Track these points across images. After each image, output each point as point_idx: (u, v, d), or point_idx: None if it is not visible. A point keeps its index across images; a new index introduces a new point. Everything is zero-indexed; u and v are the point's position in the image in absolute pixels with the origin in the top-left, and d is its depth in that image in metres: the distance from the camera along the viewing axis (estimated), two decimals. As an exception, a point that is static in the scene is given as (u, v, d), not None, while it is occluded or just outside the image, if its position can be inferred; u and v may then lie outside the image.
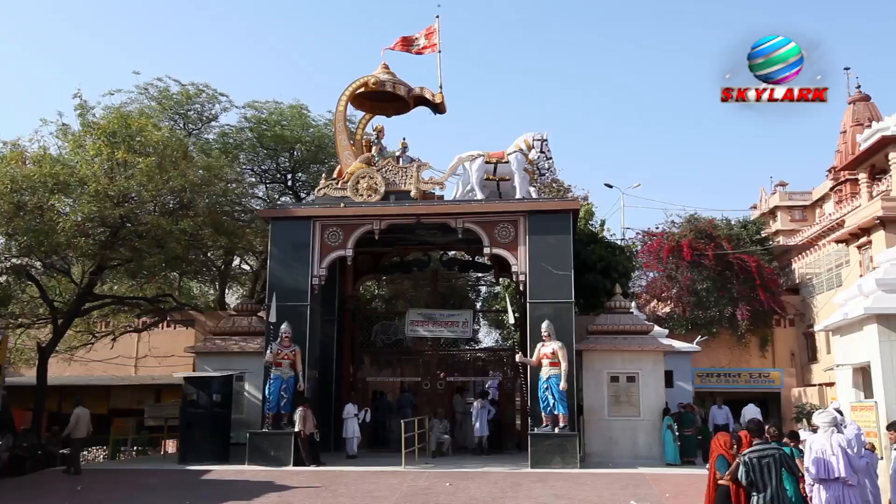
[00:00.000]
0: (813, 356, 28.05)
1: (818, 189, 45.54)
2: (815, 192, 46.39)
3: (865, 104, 36.66)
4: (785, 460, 8.45)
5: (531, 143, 19.94)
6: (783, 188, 48.96)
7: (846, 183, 35.87)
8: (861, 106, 36.64)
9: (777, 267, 30.90)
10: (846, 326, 12.24)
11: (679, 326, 27.47)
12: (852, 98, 37.44)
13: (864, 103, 36.69)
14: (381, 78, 20.77)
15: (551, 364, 17.30)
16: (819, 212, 43.96)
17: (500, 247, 19.00)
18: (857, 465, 8.94)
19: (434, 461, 18.35)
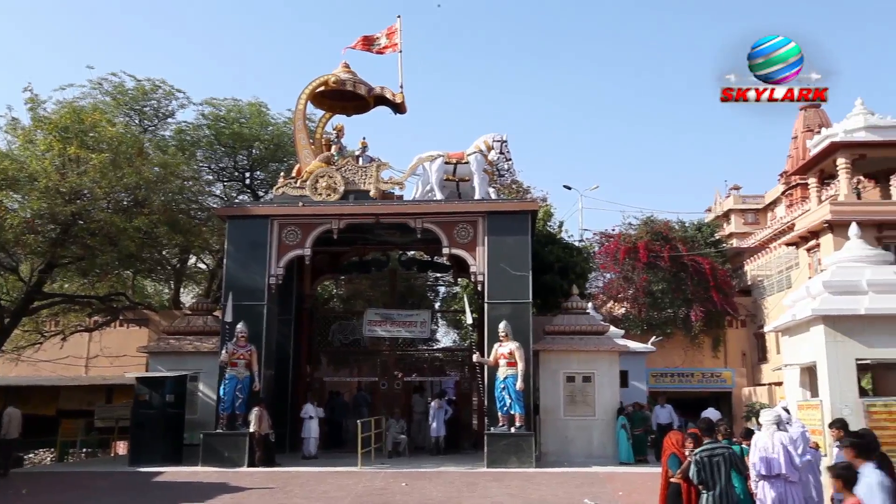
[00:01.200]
0: (763, 356, 28.69)
1: (770, 193, 46.56)
2: (767, 195, 47.43)
3: (816, 111, 37.58)
4: (734, 459, 8.65)
5: (491, 144, 20.04)
6: (737, 192, 49.97)
7: (797, 187, 36.75)
8: (812, 112, 37.56)
9: (730, 269, 31.53)
10: (794, 327, 12.53)
11: (634, 327, 27.86)
12: (803, 105, 38.33)
13: (814, 110, 37.59)
14: (342, 77, 20.67)
15: (508, 364, 17.38)
16: (771, 215, 44.95)
17: (459, 247, 19.05)
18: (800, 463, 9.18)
19: (390, 461, 18.33)
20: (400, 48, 21.19)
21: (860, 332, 10.97)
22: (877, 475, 5.49)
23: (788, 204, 38.86)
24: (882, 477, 5.49)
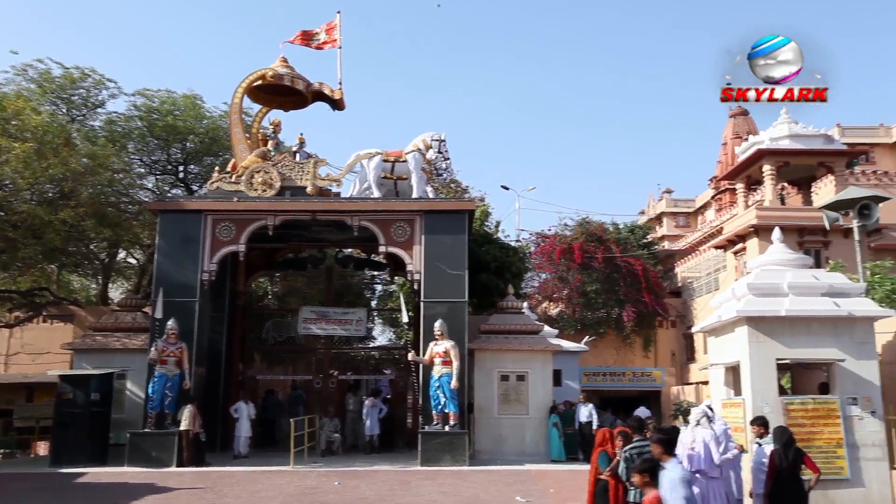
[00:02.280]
0: (691, 356, 29.51)
1: (701, 197, 47.86)
2: (698, 200, 48.73)
3: (745, 118, 38.85)
4: None
5: (429, 143, 20.07)
6: (669, 195, 51.19)
7: (726, 192, 37.91)
8: (741, 120, 38.81)
9: (661, 270, 32.30)
10: (720, 328, 12.89)
11: (569, 327, 28.30)
12: (733, 112, 39.59)
13: (743, 117, 38.86)
14: (280, 71, 20.39)
15: (443, 363, 17.46)
16: (701, 219, 46.22)
17: (396, 245, 19.03)
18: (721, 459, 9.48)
19: (323, 460, 18.20)
20: (339, 44, 21.05)
21: (781, 333, 11.35)
22: (679, 470, 5.73)
23: (718, 208, 40.05)
24: (684, 472, 5.71)
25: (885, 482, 10.59)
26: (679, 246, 38.30)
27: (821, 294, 11.49)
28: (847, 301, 11.38)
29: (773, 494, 8.71)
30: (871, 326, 11.43)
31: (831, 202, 16.10)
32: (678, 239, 42.43)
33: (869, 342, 11.31)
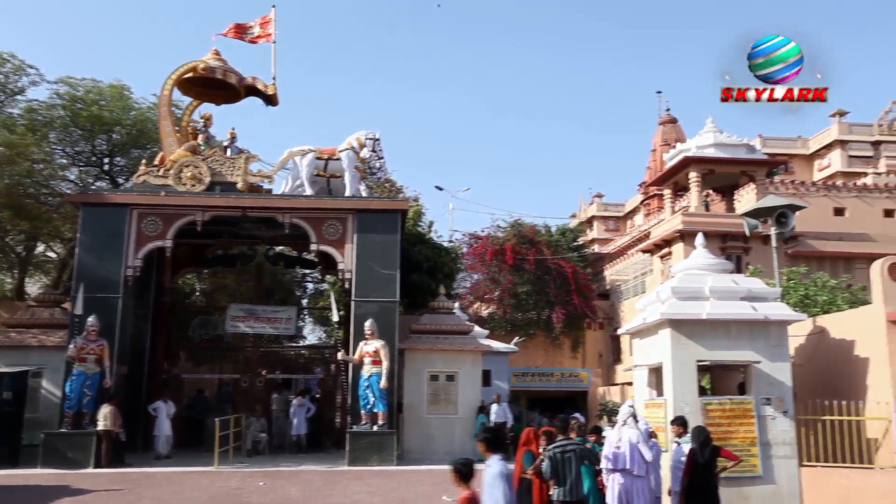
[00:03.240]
0: (618, 357, 30.18)
1: (630, 202, 48.95)
2: (627, 204, 49.83)
3: (673, 126, 39.92)
4: (584, 454, 9.06)
5: (363, 141, 19.97)
6: (600, 199, 52.17)
7: (654, 198, 38.88)
8: (669, 127, 39.85)
9: (591, 273, 32.93)
10: (644, 330, 13.21)
11: (499, 327, 28.58)
12: (662, 120, 40.67)
13: (672, 125, 39.93)
14: (212, 64, 19.98)
15: (373, 362, 17.41)
16: (630, 223, 47.28)
17: (328, 244, 18.88)
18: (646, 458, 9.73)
19: (249, 460, 17.92)
20: (274, 39, 20.77)
21: (702, 335, 11.71)
22: (499, 465, 5.96)
23: (646, 213, 41.05)
24: (503, 467, 5.96)
25: (794, 478, 11.04)
26: (608, 249, 39.09)
27: (740, 298, 11.90)
28: (764, 305, 11.81)
29: (688, 491, 9.00)
30: (784, 330, 11.90)
31: (751, 210, 16.66)
32: (608, 242, 43.30)
33: (783, 345, 11.77)
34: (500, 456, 6.11)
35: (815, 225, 27.06)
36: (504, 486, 5.92)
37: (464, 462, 5.92)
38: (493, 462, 6.05)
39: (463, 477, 5.84)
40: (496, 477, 5.93)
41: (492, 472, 5.99)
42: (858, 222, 28.02)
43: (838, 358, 12.82)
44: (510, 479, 6.06)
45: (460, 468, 5.87)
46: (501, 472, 5.97)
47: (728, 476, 9.93)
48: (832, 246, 27.10)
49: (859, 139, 38.85)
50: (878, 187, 29.54)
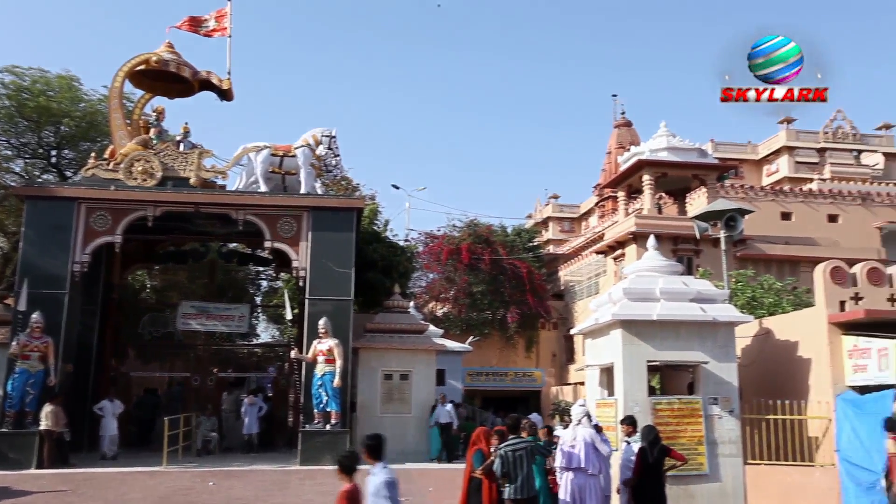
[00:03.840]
0: (571, 357, 30.51)
1: (585, 203, 49.51)
2: (582, 206, 50.39)
3: (628, 129, 40.51)
4: (535, 453, 9.14)
5: (319, 138, 19.82)
6: (555, 200, 52.67)
7: (608, 199, 39.40)
8: (624, 130, 40.44)
9: (545, 273, 33.23)
10: (597, 330, 13.37)
11: (454, 327, 28.66)
12: (617, 123, 41.26)
13: (626, 128, 40.51)
14: (165, 57, 19.62)
15: (327, 361, 17.30)
16: (585, 224, 47.83)
17: (282, 241, 18.70)
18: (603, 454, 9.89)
19: (199, 460, 17.65)
20: (229, 33, 20.48)
21: (652, 336, 11.90)
22: (383, 474, 6.03)
23: (601, 215, 41.57)
24: (389, 476, 6.02)
25: (739, 476, 11.31)
26: (563, 250, 39.49)
27: (689, 300, 12.12)
28: (712, 307, 12.06)
29: (637, 489, 9.15)
30: (732, 331, 12.16)
31: (702, 213, 17.02)
32: (563, 243, 43.73)
33: (730, 346, 12.03)
34: (383, 464, 6.10)
35: (763, 229, 27.74)
36: (390, 492, 5.92)
37: (346, 455, 5.93)
38: (377, 470, 6.04)
39: (345, 470, 5.85)
40: (381, 486, 5.93)
41: (376, 482, 5.98)
42: (804, 227, 28.81)
43: (782, 358, 13.15)
44: (395, 486, 6.03)
45: (342, 461, 5.89)
46: (387, 481, 5.96)
47: (675, 474, 10.12)
48: (779, 249, 27.83)
49: (806, 146, 39.94)
50: (822, 193, 30.41)
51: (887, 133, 41.26)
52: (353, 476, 5.88)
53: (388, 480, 5.99)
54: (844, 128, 40.49)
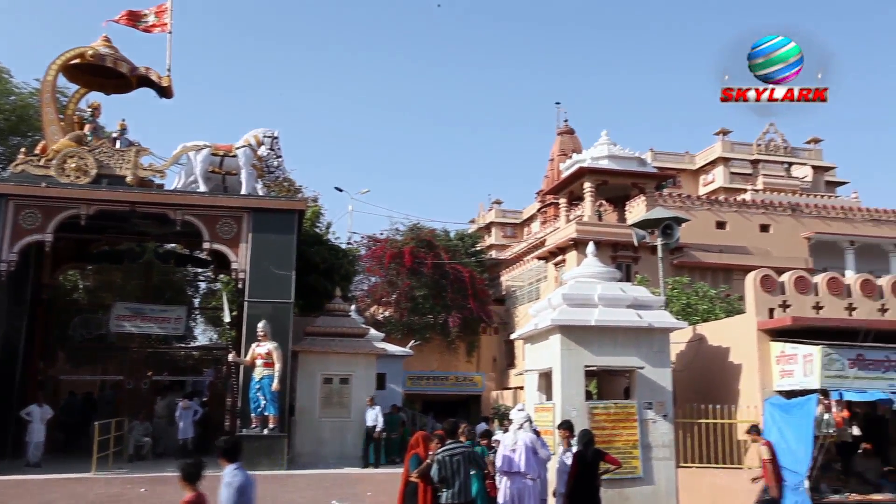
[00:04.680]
0: (511, 362, 30.73)
1: (528, 209, 50.03)
2: (525, 211, 50.90)
3: (571, 137, 41.09)
4: (473, 458, 9.17)
5: (261, 139, 19.56)
6: (499, 206, 53.08)
7: (550, 206, 39.87)
8: (567, 138, 40.99)
9: (488, 278, 33.42)
10: (536, 335, 13.52)
11: (396, 330, 28.59)
12: (560, 130, 41.81)
13: (569, 136, 41.08)
14: (101, 51, 19.09)
15: (265, 364, 17.05)
16: (527, 230, 48.30)
17: (222, 242, 18.37)
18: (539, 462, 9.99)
19: (130, 466, 17.18)
20: (170, 29, 20.06)
21: (590, 341, 12.08)
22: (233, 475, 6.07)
23: (543, 221, 42.04)
24: (241, 477, 6.06)
25: (671, 479, 11.57)
26: (505, 255, 39.77)
27: (626, 306, 12.35)
28: (648, 313, 12.31)
29: (572, 492, 9.27)
30: (667, 337, 12.44)
31: (640, 221, 17.34)
32: (505, 248, 44.05)
33: (665, 351, 12.31)
34: (237, 465, 6.06)
35: (698, 237, 28.45)
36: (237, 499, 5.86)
37: (190, 463, 5.84)
38: (229, 472, 6.00)
39: (188, 478, 5.76)
40: (233, 488, 5.89)
41: (229, 483, 5.94)
42: (737, 236, 29.67)
43: (715, 364, 13.52)
44: (245, 489, 5.99)
45: (185, 469, 5.78)
46: (232, 483, 5.93)
47: (611, 478, 10.29)
48: (713, 258, 28.57)
49: (740, 157, 41.16)
50: (755, 203, 31.37)
51: (816, 147, 42.85)
52: (196, 484, 5.72)
53: (232, 483, 5.89)
54: (776, 141, 41.87)
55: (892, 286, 12.92)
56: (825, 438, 10.61)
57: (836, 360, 11.08)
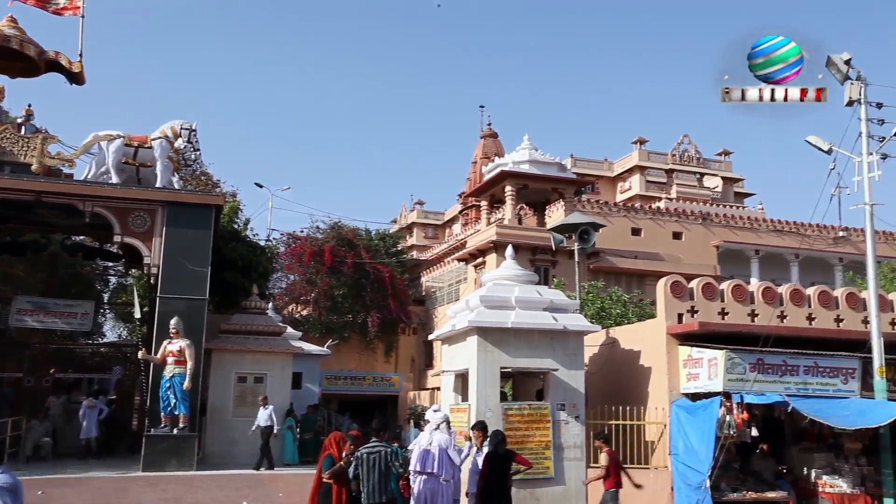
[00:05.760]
0: (430, 363, 30.84)
1: (450, 211, 50.31)
2: (447, 213, 51.16)
3: (494, 140, 41.54)
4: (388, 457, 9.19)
5: (178, 131, 19.02)
6: (421, 207, 53.18)
7: (472, 208, 40.20)
8: (490, 141, 41.43)
9: (408, 279, 33.42)
10: (454, 336, 13.61)
11: (314, 329, 28.25)
12: (484, 133, 42.22)
13: (492, 139, 41.54)
14: (7, 32, 18.16)
15: (177, 362, 16.59)
16: (449, 231, 48.56)
17: (134, 236, 17.78)
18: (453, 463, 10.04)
19: (28, 467, 16.40)
20: (82, 13, 19.23)
21: (506, 343, 12.25)
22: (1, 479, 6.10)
23: (464, 223, 42.35)
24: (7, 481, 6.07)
25: (581, 479, 11.83)
26: (426, 256, 39.86)
27: (543, 309, 12.58)
28: (564, 316, 12.57)
29: (483, 493, 9.38)
30: (581, 340, 12.74)
31: (558, 225, 17.72)
32: (426, 249, 44.14)
33: (579, 354, 12.59)
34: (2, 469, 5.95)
35: (615, 243, 29.23)
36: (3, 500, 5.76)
37: None
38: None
39: None
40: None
41: None
42: (651, 242, 30.62)
43: (626, 367, 13.90)
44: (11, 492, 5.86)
45: None
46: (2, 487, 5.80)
47: (522, 478, 10.46)
48: (628, 263, 29.39)
49: (656, 166, 42.48)
50: (668, 211, 32.46)
51: (726, 159, 44.66)
52: None
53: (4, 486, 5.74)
54: (690, 151, 43.41)
55: (790, 294, 13.56)
56: (726, 439, 11.04)
57: (738, 363, 11.57)
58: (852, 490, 11.77)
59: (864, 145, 12.18)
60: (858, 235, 30.01)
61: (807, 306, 13.54)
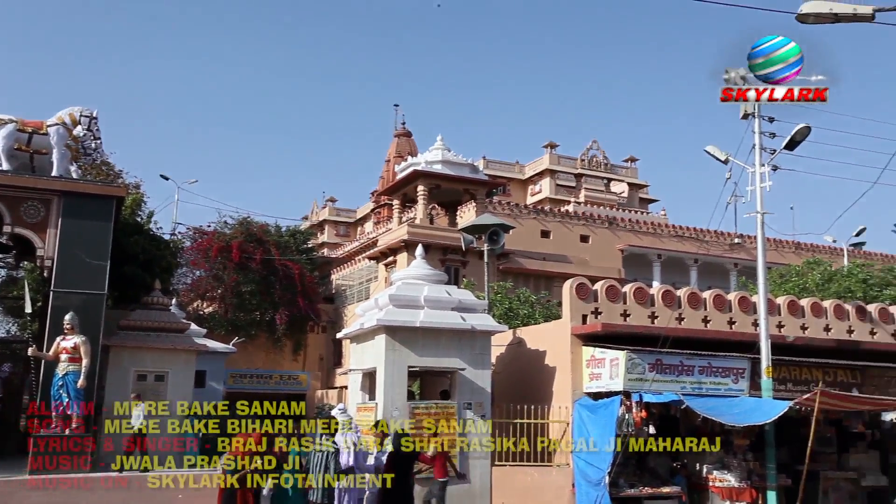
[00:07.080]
0: (339, 361, 30.60)
1: (362, 209, 50.06)
2: (359, 211, 50.89)
3: (408, 139, 41.62)
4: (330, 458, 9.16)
5: (78, 118, 18.14)
6: (333, 204, 52.68)
7: (384, 207, 40.15)
8: (404, 140, 41.50)
9: (318, 276, 33.04)
10: (362, 335, 13.57)
11: (220, 327, 27.57)
12: (398, 132, 42.23)
13: (406, 138, 41.61)
14: None
15: (71, 359, 15.80)
16: (360, 230, 48.33)
17: (26, 227, 16.83)
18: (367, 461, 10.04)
19: None
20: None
21: (415, 342, 12.31)
22: None
23: (376, 221, 42.23)
24: None
25: (486, 477, 12.04)
26: (337, 254, 39.54)
27: (451, 308, 12.70)
28: (472, 316, 12.72)
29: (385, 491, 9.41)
30: (488, 339, 12.92)
31: (468, 226, 17.91)
32: (338, 247, 43.79)
33: (486, 353, 12.78)
34: None
35: (524, 244, 29.73)
36: None
37: None
38: None
39: None
40: None
41: None
42: (560, 245, 31.31)
43: (532, 366, 14.18)
44: None
45: None
46: None
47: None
48: (537, 264, 29.96)
49: (565, 170, 43.50)
50: (577, 215, 33.28)
51: (632, 165, 46.16)
52: None
53: None
54: (598, 157, 44.65)
55: (688, 297, 14.14)
56: (625, 437, 11.43)
57: (638, 363, 11.99)
58: (739, 484, 12.39)
59: (757, 157, 12.84)
60: (752, 242, 31.47)
61: (703, 309, 14.15)
